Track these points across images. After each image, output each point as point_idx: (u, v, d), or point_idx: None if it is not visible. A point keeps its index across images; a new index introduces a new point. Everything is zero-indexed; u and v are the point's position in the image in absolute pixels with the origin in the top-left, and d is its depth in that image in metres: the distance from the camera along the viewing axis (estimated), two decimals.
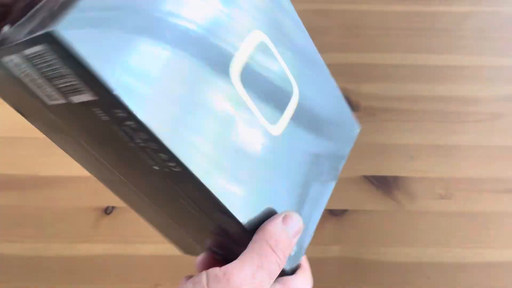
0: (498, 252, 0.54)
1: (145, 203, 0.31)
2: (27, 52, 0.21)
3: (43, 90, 0.23)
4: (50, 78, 0.22)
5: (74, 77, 0.21)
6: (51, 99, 0.24)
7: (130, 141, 0.24)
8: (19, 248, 0.53)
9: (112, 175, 0.29)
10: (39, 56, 0.21)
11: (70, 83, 0.22)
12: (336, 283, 0.52)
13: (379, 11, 0.69)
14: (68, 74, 0.21)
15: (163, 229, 0.35)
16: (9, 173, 0.56)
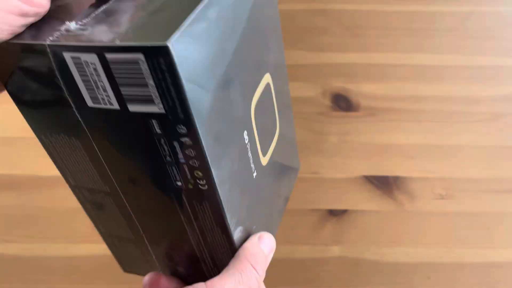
0: (498, 252, 0.54)
1: (115, 215, 0.31)
2: (112, 56, 0.22)
3: (95, 92, 0.24)
4: (120, 84, 0.23)
5: (153, 90, 0.22)
6: (96, 102, 0.24)
7: (168, 155, 0.25)
8: (19, 248, 0.53)
9: (96, 184, 0.29)
10: (125, 62, 0.22)
11: (143, 93, 0.23)
12: (336, 283, 0.52)
13: (379, 11, 0.69)
14: (149, 85, 0.22)
15: (116, 242, 0.35)
16: (9, 173, 0.56)
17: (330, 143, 0.59)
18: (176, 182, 0.27)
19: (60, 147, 0.28)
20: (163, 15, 0.23)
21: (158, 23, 0.22)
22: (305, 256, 0.53)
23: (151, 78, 0.22)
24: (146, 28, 0.22)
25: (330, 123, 0.61)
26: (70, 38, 0.22)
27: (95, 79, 0.23)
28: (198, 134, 0.24)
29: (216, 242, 0.30)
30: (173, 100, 0.22)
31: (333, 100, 0.62)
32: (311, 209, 0.55)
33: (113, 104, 0.24)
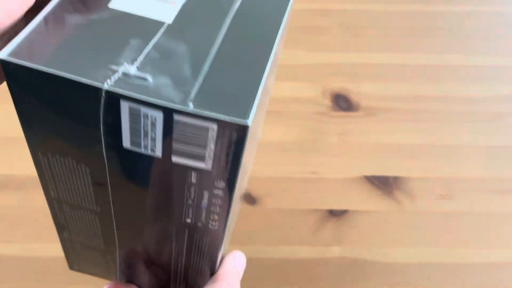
0: (498, 252, 0.54)
1: (92, 229, 0.31)
2: (180, 118, 0.21)
3: (139, 139, 0.23)
4: (175, 140, 0.22)
5: (210, 152, 0.22)
6: (135, 146, 0.23)
7: (191, 199, 0.25)
8: (19, 248, 0.53)
9: (86, 203, 0.29)
10: (193, 126, 0.21)
11: (196, 151, 0.22)
12: (336, 284, 0.52)
13: (379, 11, 0.69)
14: (207, 148, 0.22)
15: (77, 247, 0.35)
16: (9, 173, 0.56)
17: (330, 143, 0.59)
18: (186, 219, 0.27)
19: (59, 167, 0.27)
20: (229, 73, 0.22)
21: (227, 84, 0.22)
22: (305, 256, 0.53)
23: (214, 143, 0.22)
24: (217, 91, 0.21)
25: (330, 123, 0.61)
26: (132, 87, 0.21)
27: (147, 130, 0.22)
28: (233, 189, 0.24)
29: (198, 265, 0.31)
30: (226, 162, 0.23)
31: (333, 100, 0.62)
32: (311, 209, 0.55)
33: (155, 152, 0.23)
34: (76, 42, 0.22)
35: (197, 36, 0.24)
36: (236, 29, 0.25)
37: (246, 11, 0.26)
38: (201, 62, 0.22)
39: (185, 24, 0.24)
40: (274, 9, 0.27)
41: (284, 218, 0.55)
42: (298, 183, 0.57)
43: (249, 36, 0.25)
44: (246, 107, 0.21)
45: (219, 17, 0.25)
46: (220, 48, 0.24)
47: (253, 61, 0.23)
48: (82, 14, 0.23)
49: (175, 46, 0.23)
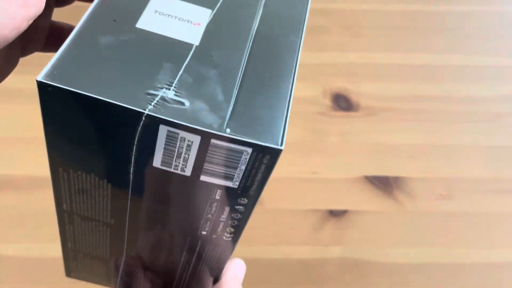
0: (498, 252, 0.54)
1: (100, 240, 0.32)
2: (217, 142, 0.22)
3: (171, 159, 0.23)
4: (207, 161, 0.23)
5: (239, 172, 0.23)
6: (166, 165, 0.24)
7: (211, 214, 0.26)
8: (18, 249, 0.53)
9: (100, 216, 0.29)
10: (228, 149, 0.22)
11: (226, 171, 0.23)
12: (336, 284, 0.52)
13: (379, 11, 0.69)
14: (238, 169, 0.23)
15: (79, 256, 0.36)
16: (9, 173, 0.56)
17: (330, 143, 0.59)
18: (201, 231, 0.28)
19: (78, 183, 0.27)
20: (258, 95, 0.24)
21: (258, 107, 0.23)
22: (305, 256, 0.53)
23: (245, 165, 0.23)
24: (249, 115, 0.22)
25: (330, 123, 0.61)
26: (171, 111, 0.21)
27: (181, 151, 0.23)
28: (254, 205, 0.25)
29: (204, 273, 0.32)
30: (253, 182, 0.24)
31: (333, 100, 0.62)
32: (311, 209, 0.55)
33: (185, 172, 0.24)
34: (109, 64, 0.22)
35: (224, 58, 0.25)
36: (258, 48, 0.26)
37: (265, 31, 0.27)
38: (231, 85, 0.23)
39: (211, 46, 0.25)
40: (291, 28, 0.28)
41: (284, 218, 0.55)
42: (298, 183, 0.57)
43: (271, 56, 0.26)
44: (278, 131, 0.22)
45: (241, 37, 0.26)
46: (245, 70, 0.25)
47: (277, 81, 0.25)
48: (112, 35, 0.24)
49: (205, 69, 0.24)
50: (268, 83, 0.24)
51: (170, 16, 0.26)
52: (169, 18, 0.26)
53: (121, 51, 0.23)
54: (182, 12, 0.26)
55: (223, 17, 0.27)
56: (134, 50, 0.23)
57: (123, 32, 0.24)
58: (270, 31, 0.27)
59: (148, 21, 0.25)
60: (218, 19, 0.27)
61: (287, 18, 0.29)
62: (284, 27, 0.28)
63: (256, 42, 0.26)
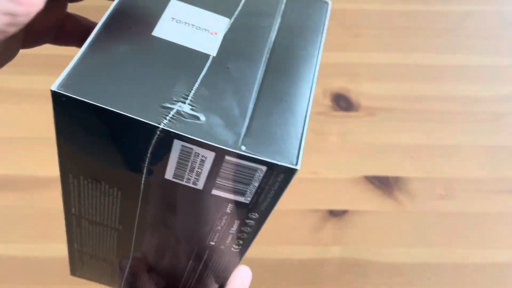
0: (498, 252, 0.54)
1: (107, 244, 0.32)
2: (231, 159, 0.22)
3: (184, 172, 0.23)
4: (220, 177, 0.23)
5: (252, 189, 0.23)
6: (178, 178, 0.23)
7: (221, 226, 0.26)
8: (18, 248, 0.53)
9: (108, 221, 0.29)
10: (242, 166, 0.22)
11: (239, 187, 0.23)
12: (336, 284, 0.52)
13: (379, 11, 0.69)
14: (251, 185, 0.23)
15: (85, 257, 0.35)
16: (9, 173, 0.56)
17: (330, 143, 0.59)
18: (210, 242, 0.28)
19: (88, 190, 0.27)
20: (273, 111, 0.23)
21: (273, 124, 0.23)
22: (305, 256, 0.53)
23: (259, 182, 0.22)
24: (264, 132, 0.22)
25: (330, 123, 0.61)
26: (186, 126, 0.21)
27: (194, 166, 0.22)
28: (265, 220, 0.25)
29: (210, 280, 0.32)
30: (265, 198, 0.23)
31: (333, 100, 0.62)
32: (311, 209, 0.55)
33: (197, 185, 0.23)
34: (125, 74, 0.22)
35: (240, 70, 0.24)
36: (275, 60, 0.26)
37: (283, 41, 0.27)
38: (247, 99, 0.23)
39: (228, 57, 0.25)
40: (309, 39, 0.27)
41: (284, 218, 0.55)
42: (298, 183, 0.57)
43: (288, 69, 0.25)
44: (293, 150, 0.22)
45: (259, 48, 0.26)
46: (262, 83, 0.24)
47: (294, 96, 0.24)
48: (128, 43, 0.23)
49: (221, 82, 0.23)
50: (285, 98, 0.24)
51: (187, 24, 0.25)
52: (186, 26, 0.25)
53: (137, 61, 0.23)
54: (199, 20, 0.26)
55: (241, 26, 0.26)
56: (150, 60, 0.23)
57: (139, 41, 0.24)
58: (287, 42, 0.27)
59: (164, 29, 0.25)
60: (236, 28, 0.26)
61: (305, 29, 0.28)
62: (302, 38, 0.28)
63: (274, 54, 0.26)
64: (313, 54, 0.27)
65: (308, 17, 0.29)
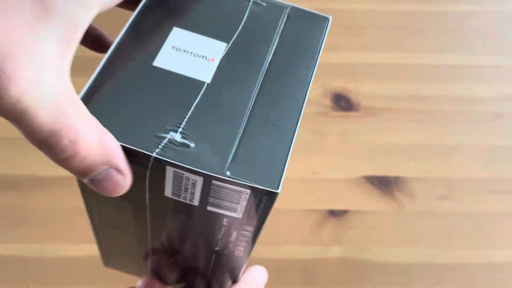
0: (498, 252, 0.54)
1: (128, 244, 0.35)
2: (218, 183, 0.24)
3: (179, 192, 0.25)
4: (211, 197, 0.25)
5: (242, 207, 0.25)
6: (176, 196, 0.26)
7: (221, 235, 0.29)
8: (18, 248, 0.53)
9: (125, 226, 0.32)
10: (229, 189, 0.24)
11: (230, 205, 0.25)
12: (337, 284, 0.52)
13: (379, 11, 0.69)
14: (240, 204, 0.25)
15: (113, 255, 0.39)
16: (9, 173, 0.56)
17: (330, 143, 0.59)
18: (215, 247, 0.30)
19: (105, 202, 0.30)
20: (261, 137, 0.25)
21: (260, 149, 0.24)
22: (305, 256, 0.53)
23: (246, 202, 0.24)
24: (250, 158, 0.24)
25: (330, 123, 0.61)
26: (177, 155, 0.23)
27: (188, 187, 0.25)
28: (260, 231, 0.27)
29: (223, 275, 0.34)
30: (255, 214, 0.25)
31: (333, 100, 0.62)
32: (311, 209, 0.55)
33: (193, 202, 0.26)
34: (125, 105, 0.24)
35: (233, 95, 0.26)
36: (268, 83, 0.27)
37: (278, 63, 0.28)
38: (237, 125, 0.25)
39: (222, 83, 0.26)
40: (304, 60, 0.29)
41: (284, 218, 0.55)
42: (298, 183, 0.57)
43: (280, 92, 0.27)
44: (277, 174, 0.24)
45: (253, 71, 0.27)
46: (253, 107, 0.26)
47: (283, 120, 0.26)
48: (129, 75, 0.25)
49: (213, 109, 0.25)
50: (274, 122, 0.26)
51: (186, 52, 0.27)
52: (185, 55, 0.27)
53: (137, 92, 0.25)
54: (198, 47, 0.27)
55: (237, 51, 0.28)
56: (149, 90, 0.25)
57: (140, 72, 0.26)
58: (282, 63, 0.28)
59: (164, 59, 0.26)
60: (232, 53, 0.28)
61: (302, 49, 0.29)
62: (298, 59, 0.29)
63: (268, 76, 0.27)
64: (307, 74, 0.28)
65: (307, 36, 0.30)
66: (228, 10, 0.29)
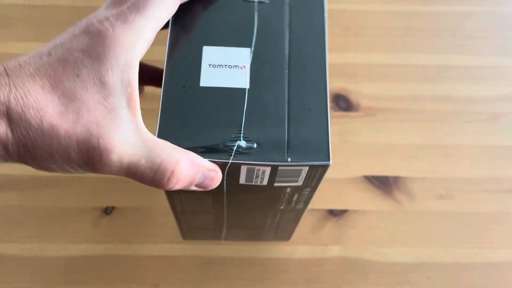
0: (498, 252, 0.54)
1: (207, 220, 0.42)
2: (283, 168, 0.30)
3: (251, 179, 0.32)
4: (278, 177, 0.31)
5: (302, 178, 0.32)
6: (248, 181, 0.32)
7: (285, 199, 0.36)
8: (19, 248, 0.53)
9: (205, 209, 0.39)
10: (291, 170, 0.30)
11: (293, 179, 0.32)
12: (336, 283, 0.52)
13: (379, 11, 0.69)
14: (301, 176, 0.31)
15: (193, 229, 0.46)
16: (9, 173, 0.56)
17: (330, 143, 0.59)
18: (280, 206, 0.38)
19: (188, 199, 0.36)
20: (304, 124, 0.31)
21: (306, 135, 0.30)
22: (305, 256, 0.53)
23: (305, 174, 0.31)
24: (302, 142, 0.30)
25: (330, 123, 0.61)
26: (247, 156, 0.30)
27: (258, 174, 0.31)
28: (315, 190, 0.34)
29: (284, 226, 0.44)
30: (312, 180, 0.32)
31: (333, 100, 0.62)
32: (311, 209, 0.55)
33: (263, 183, 0.32)
34: (193, 125, 0.30)
35: (271, 94, 0.31)
36: (294, 75, 0.32)
37: (296, 54, 0.33)
38: (282, 119, 0.31)
39: (259, 86, 0.32)
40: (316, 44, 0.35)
41: None
42: None
43: (306, 79, 0.33)
44: (325, 149, 0.30)
45: (279, 67, 0.32)
46: (289, 101, 0.31)
47: (315, 103, 0.32)
48: (186, 99, 0.31)
49: (260, 110, 0.31)
50: (309, 106, 0.32)
51: (221, 66, 0.32)
52: (221, 69, 0.32)
53: (198, 113, 0.31)
54: (228, 58, 0.32)
55: (261, 53, 0.33)
56: (206, 109, 0.31)
57: (193, 96, 0.31)
58: (299, 53, 0.33)
59: (207, 78, 0.32)
60: (257, 56, 0.33)
61: (311, 33, 0.35)
62: (310, 44, 0.34)
63: (292, 68, 0.33)
64: (322, 55, 0.34)
65: (310, 20, 0.35)
66: (240, 16, 0.34)
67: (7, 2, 0.68)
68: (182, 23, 0.33)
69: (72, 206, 0.55)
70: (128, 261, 0.52)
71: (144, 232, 0.54)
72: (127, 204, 0.55)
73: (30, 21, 0.67)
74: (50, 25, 0.66)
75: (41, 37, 0.65)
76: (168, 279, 0.52)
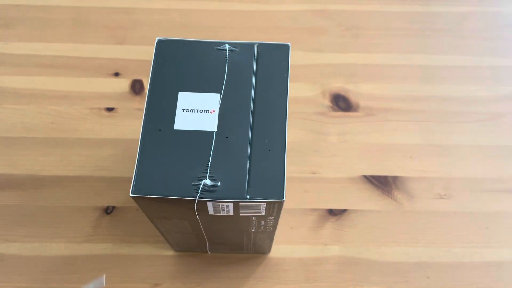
0: (498, 252, 0.54)
1: (189, 238, 0.46)
2: (244, 203, 0.34)
3: (219, 211, 0.36)
4: (241, 210, 0.35)
5: (263, 210, 0.36)
6: (217, 212, 0.36)
7: (253, 223, 0.39)
8: (19, 248, 0.53)
9: (186, 231, 0.43)
10: (252, 205, 0.34)
11: (255, 211, 0.36)
12: (336, 283, 0.52)
13: (378, 11, 0.69)
14: (261, 209, 0.35)
15: (180, 244, 0.50)
16: (9, 173, 0.56)
17: (330, 143, 0.59)
18: (251, 229, 0.41)
19: (168, 223, 0.41)
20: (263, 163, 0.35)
21: (265, 173, 0.34)
22: (305, 255, 0.53)
23: (265, 207, 0.35)
24: (260, 181, 0.34)
25: (330, 123, 0.61)
26: (211, 194, 0.33)
27: (224, 209, 0.35)
28: (279, 218, 0.39)
29: (261, 242, 0.47)
30: (273, 211, 0.36)
31: (332, 100, 0.62)
32: (311, 208, 0.55)
33: (229, 213, 0.36)
34: (165, 166, 0.34)
35: (236, 136, 0.35)
36: (258, 119, 0.36)
37: (260, 99, 0.37)
38: (244, 158, 0.34)
39: (225, 129, 0.35)
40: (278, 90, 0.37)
41: (284, 217, 0.55)
42: (298, 183, 0.57)
43: (267, 122, 0.36)
44: (280, 187, 0.34)
45: (244, 112, 0.36)
46: (252, 141, 0.35)
47: (275, 144, 0.35)
48: (161, 142, 0.35)
49: (225, 151, 0.35)
50: (269, 148, 0.35)
51: (193, 111, 0.36)
52: (193, 113, 0.36)
53: (171, 154, 0.34)
54: (200, 103, 0.36)
55: (229, 98, 0.36)
56: (178, 150, 0.35)
57: (167, 138, 0.35)
58: (264, 98, 0.37)
59: (181, 121, 0.36)
60: (226, 101, 0.36)
61: (275, 80, 0.38)
62: (273, 90, 0.37)
63: (256, 112, 0.36)
64: (284, 100, 0.37)
65: (275, 64, 0.38)
66: (212, 63, 0.38)
67: (7, 2, 0.68)
68: (161, 71, 0.37)
69: (73, 206, 0.55)
70: (128, 260, 0.52)
71: (144, 232, 0.54)
72: (128, 204, 0.55)
73: (30, 21, 0.67)
74: (50, 25, 0.66)
75: (41, 37, 0.65)
76: (168, 279, 0.52)
